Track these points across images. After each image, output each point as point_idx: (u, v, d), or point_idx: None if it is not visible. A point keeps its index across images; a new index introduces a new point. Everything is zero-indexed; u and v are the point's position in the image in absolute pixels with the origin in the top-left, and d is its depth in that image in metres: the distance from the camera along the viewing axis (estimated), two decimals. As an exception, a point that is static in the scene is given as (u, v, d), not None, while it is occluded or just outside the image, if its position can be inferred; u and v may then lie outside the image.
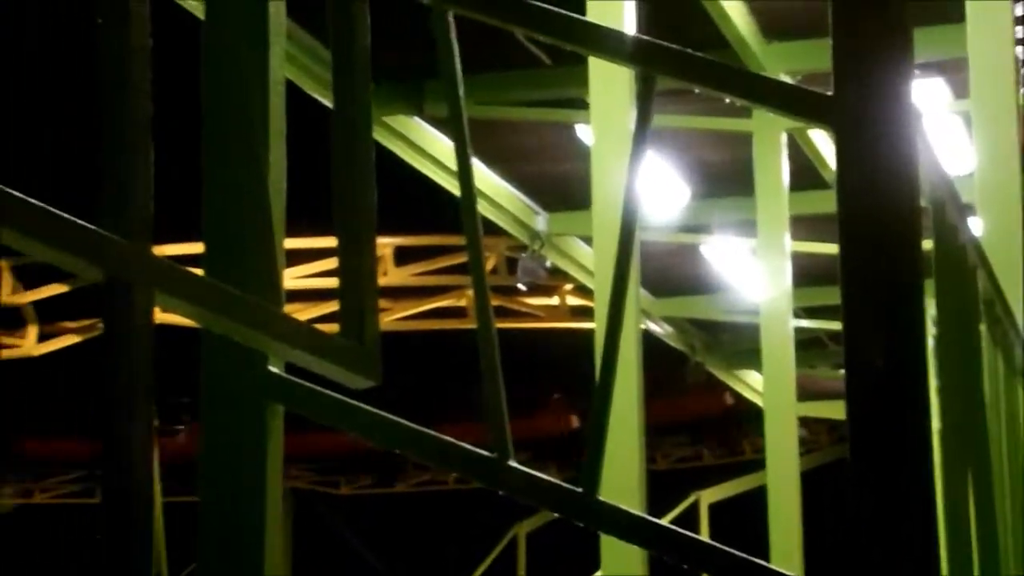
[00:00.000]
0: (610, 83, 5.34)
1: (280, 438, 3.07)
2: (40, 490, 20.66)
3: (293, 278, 12.81)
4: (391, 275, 13.80)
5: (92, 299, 12.89)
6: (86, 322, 12.94)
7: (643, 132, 2.78)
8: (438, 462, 3.00)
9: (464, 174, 3.03)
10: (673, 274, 12.74)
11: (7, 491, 20.73)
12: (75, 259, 2.21)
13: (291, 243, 4.36)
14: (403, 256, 13.85)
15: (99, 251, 2.18)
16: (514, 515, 18.17)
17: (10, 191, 2.06)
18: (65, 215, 2.19)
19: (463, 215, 3.02)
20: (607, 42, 2.73)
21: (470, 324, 13.83)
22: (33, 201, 2.14)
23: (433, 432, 2.96)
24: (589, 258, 10.54)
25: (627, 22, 5.59)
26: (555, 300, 14.15)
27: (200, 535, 3.07)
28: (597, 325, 5.37)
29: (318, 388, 2.99)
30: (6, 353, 13.06)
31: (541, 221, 10.38)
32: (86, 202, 2.80)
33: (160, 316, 2.37)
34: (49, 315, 13.00)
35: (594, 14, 5.41)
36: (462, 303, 13.86)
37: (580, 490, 2.91)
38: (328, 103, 7.29)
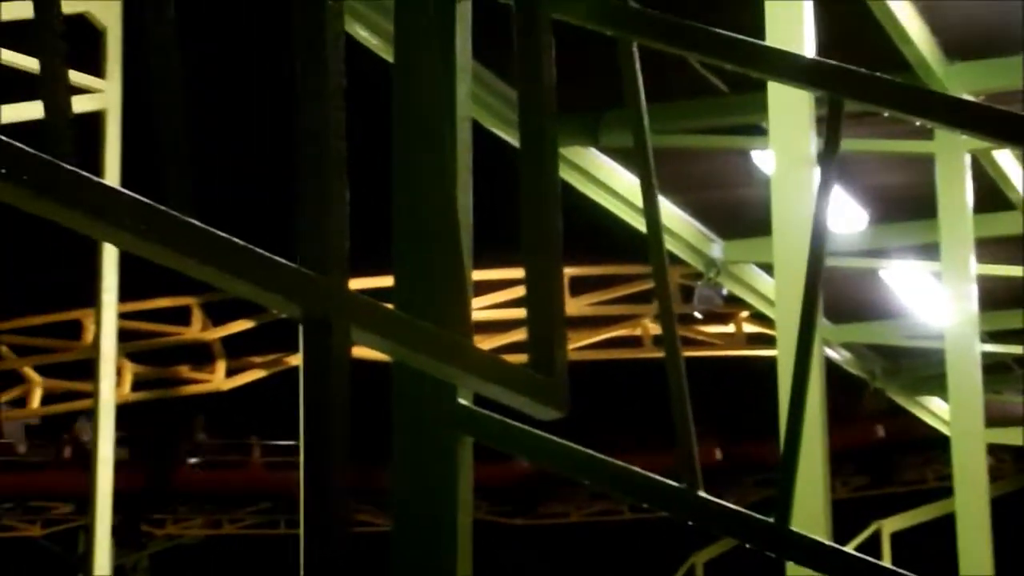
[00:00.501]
0: (790, 109, 5.29)
1: (470, 469, 3.09)
2: (229, 520, 21.09)
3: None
4: (567, 305, 13.82)
5: (276, 334, 13.16)
6: (270, 357, 13.22)
7: (831, 157, 2.73)
8: (628, 493, 2.99)
9: (650, 204, 3.02)
10: (851, 300, 12.54)
11: (197, 522, 21.21)
12: (274, 296, 2.25)
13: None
14: (576, 286, 13.85)
15: (297, 287, 2.22)
16: (691, 545, 18.01)
17: (213, 230, 2.11)
18: (264, 252, 2.23)
19: (649, 245, 3.01)
20: (792, 67, 2.70)
21: (646, 354, 13.79)
22: (234, 239, 2.19)
23: (621, 463, 2.95)
24: (766, 285, 10.43)
25: (807, 47, 5.53)
26: (731, 328, 14.02)
27: (392, 565, 3.10)
28: (780, 353, 5.30)
29: (508, 420, 3.01)
30: (196, 388, 13.40)
31: (716, 249, 10.31)
32: (283, 240, 2.86)
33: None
34: (236, 351, 13.33)
35: (774, 39, 5.37)
36: (637, 332, 13.82)
37: (771, 520, 2.87)
38: (508, 138, 7.34)
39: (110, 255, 8.17)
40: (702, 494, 2.85)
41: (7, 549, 19.42)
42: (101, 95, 8.11)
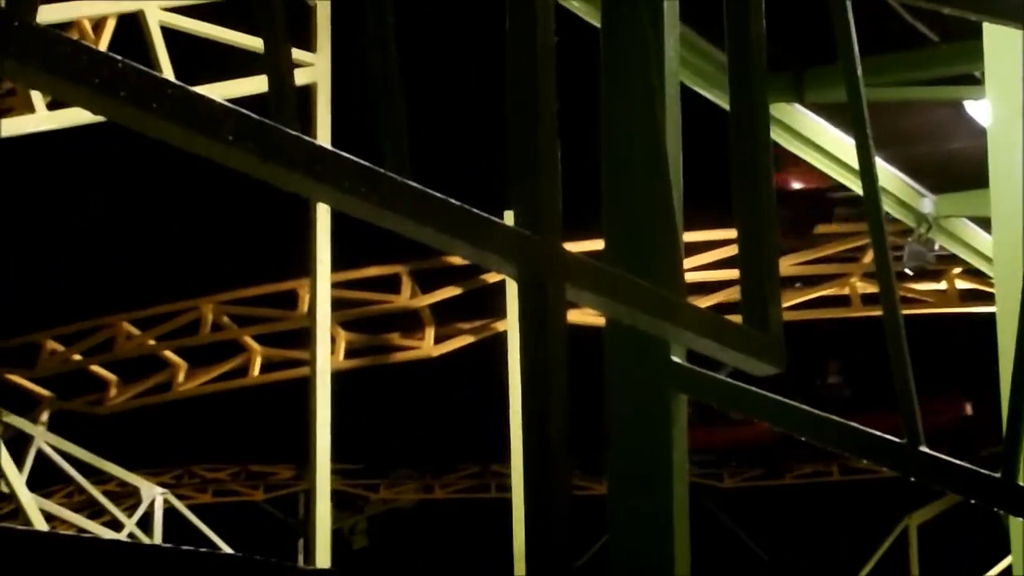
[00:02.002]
0: (1008, 55, 5.11)
1: (684, 426, 3.07)
2: (440, 486, 21.45)
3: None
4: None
5: (483, 300, 13.28)
6: (478, 323, 13.35)
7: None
8: (849, 449, 2.94)
9: (865, 161, 2.96)
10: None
11: (410, 487, 21.61)
12: (490, 255, 2.27)
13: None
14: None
15: (513, 247, 2.23)
16: (904, 506, 17.65)
17: (430, 191, 2.13)
18: (480, 212, 2.25)
19: (865, 202, 2.95)
20: (1016, 7, 2.61)
21: (855, 313, 13.53)
22: (451, 200, 2.21)
23: (839, 419, 2.90)
24: (980, 240, 10.14)
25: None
26: (943, 285, 13.68)
27: (609, 523, 3.10)
28: (999, 310, 5.13)
29: (721, 377, 2.98)
30: (406, 355, 13.62)
31: (927, 204, 10.05)
32: (495, 200, 2.87)
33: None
34: (444, 317, 13.51)
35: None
36: (845, 291, 13.57)
37: (998, 475, 2.80)
38: (715, 99, 7.23)
39: (323, 226, 8.33)
40: (924, 449, 2.79)
41: (232, 513, 20.08)
42: (312, 68, 8.28)
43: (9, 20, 1.47)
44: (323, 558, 8.03)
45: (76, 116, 7.76)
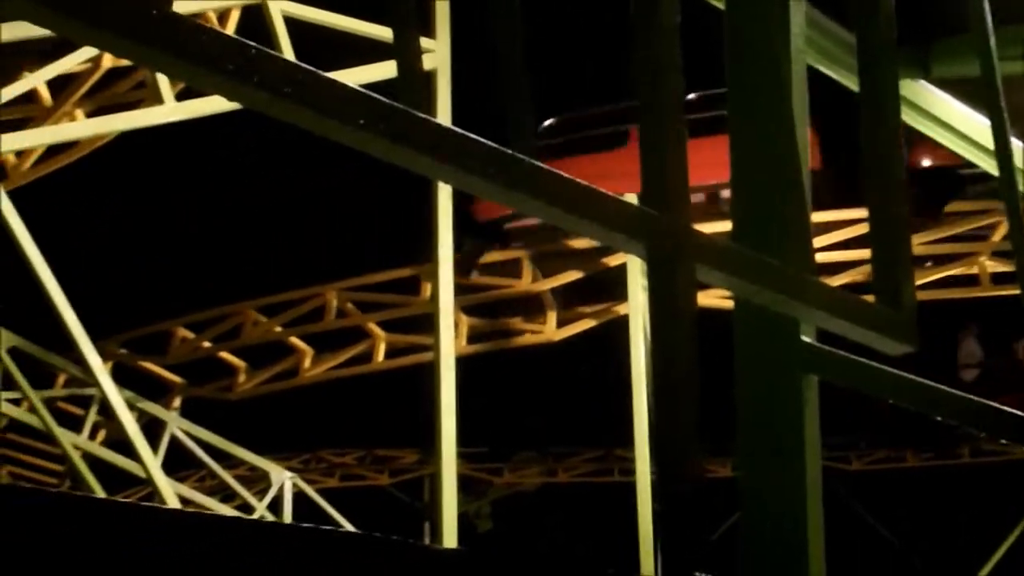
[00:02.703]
0: None
1: (816, 408, 3.03)
2: (563, 469, 21.46)
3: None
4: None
5: (603, 285, 13.24)
6: (600, 306, 13.31)
7: None
8: (991, 430, 2.88)
9: (1000, 137, 2.89)
10: None
11: (533, 470, 21.66)
12: (618, 235, 2.25)
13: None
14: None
15: (641, 226, 2.21)
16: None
17: (557, 172, 2.12)
18: (607, 192, 2.23)
19: (1000, 179, 2.88)
20: None
21: (982, 292, 13.28)
22: (578, 181, 2.19)
23: (979, 399, 2.84)
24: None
25: None
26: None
27: (742, 504, 3.07)
28: None
29: (855, 357, 2.93)
30: (528, 339, 13.63)
31: (1059, 181, 9.83)
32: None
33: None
34: (566, 301, 13.49)
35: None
36: (973, 271, 13.32)
37: None
38: (841, 79, 7.12)
39: (445, 211, 8.37)
40: (1063, 429, 2.72)
41: (358, 497, 20.29)
42: (432, 55, 8.31)
43: (149, 9, 1.48)
44: (450, 541, 8.08)
45: (204, 107, 7.87)
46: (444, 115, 8.35)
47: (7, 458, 12.92)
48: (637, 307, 10.05)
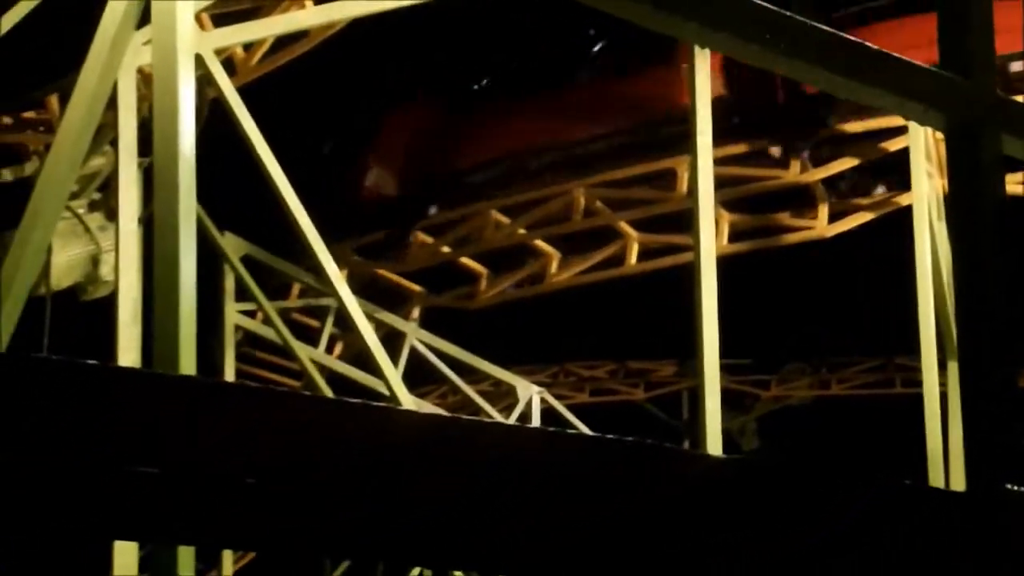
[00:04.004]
0: None
1: None
2: (837, 381, 21.19)
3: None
4: None
5: (883, 172, 12.91)
6: (878, 197, 13.00)
7: None
8: None
9: None
10: None
11: (803, 383, 21.45)
12: (914, 104, 2.15)
13: None
14: None
15: (940, 93, 2.10)
16: None
17: (843, 35, 2.03)
18: (903, 58, 2.13)
19: None
20: None
21: None
22: (868, 45, 2.10)
23: None
24: None
25: None
26: None
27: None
28: None
29: None
30: (797, 236, 13.39)
31: None
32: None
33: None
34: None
35: None
36: None
37: None
38: None
39: (703, 93, 8.22)
40: None
41: (611, 413, 20.42)
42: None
43: None
44: (714, 459, 8.03)
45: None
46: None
47: (243, 373, 13.36)
48: (922, 196, 9.75)
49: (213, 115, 8.53)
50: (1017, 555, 2.03)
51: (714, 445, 8.08)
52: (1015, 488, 2.05)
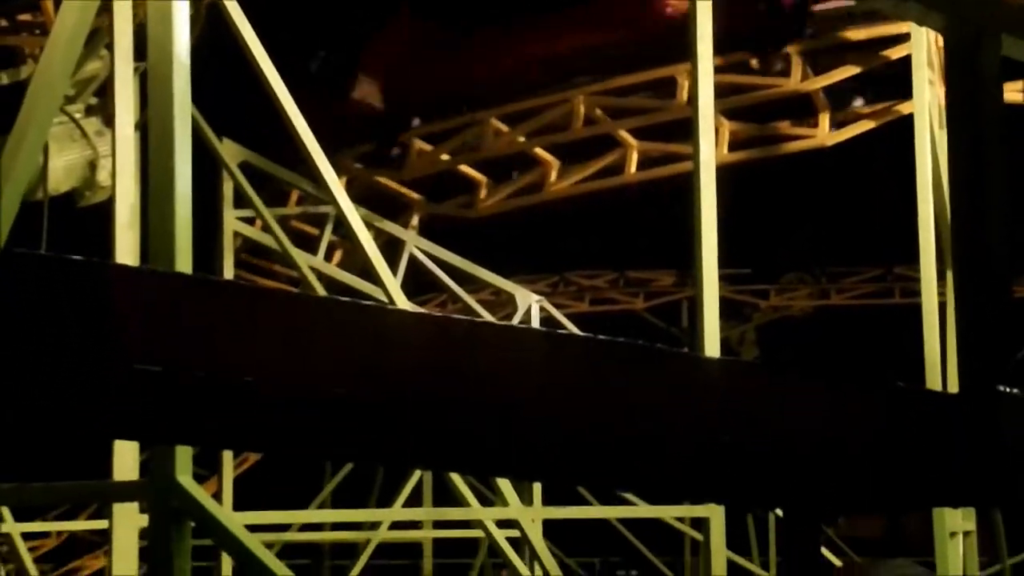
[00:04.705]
0: None
1: None
2: (837, 291, 21.22)
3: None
4: None
5: (885, 81, 12.86)
6: (880, 105, 12.95)
7: None
8: None
9: None
10: None
11: (803, 292, 21.49)
12: (912, 6, 2.14)
13: None
14: None
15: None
16: None
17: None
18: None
19: None
20: None
21: None
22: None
23: None
24: None
25: None
26: None
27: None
28: None
29: None
30: (798, 145, 13.37)
31: None
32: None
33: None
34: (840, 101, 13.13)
35: None
36: None
37: None
38: None
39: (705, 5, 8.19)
40: None
41: (611, 322, 20.48)
42: None
43: None
44: (713, 367, 8.06)
45: None
46: None
47: (242, 280, 13.38)
48: (923, 104, 9.71)
49: (212, 23, 8.49)
50: (1008, 451, 2.07)
51: (712, 353, 8.12)
52: (1007, 389, 2.08)
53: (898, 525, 21.62)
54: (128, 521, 6.26)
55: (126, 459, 6.17)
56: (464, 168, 14.63)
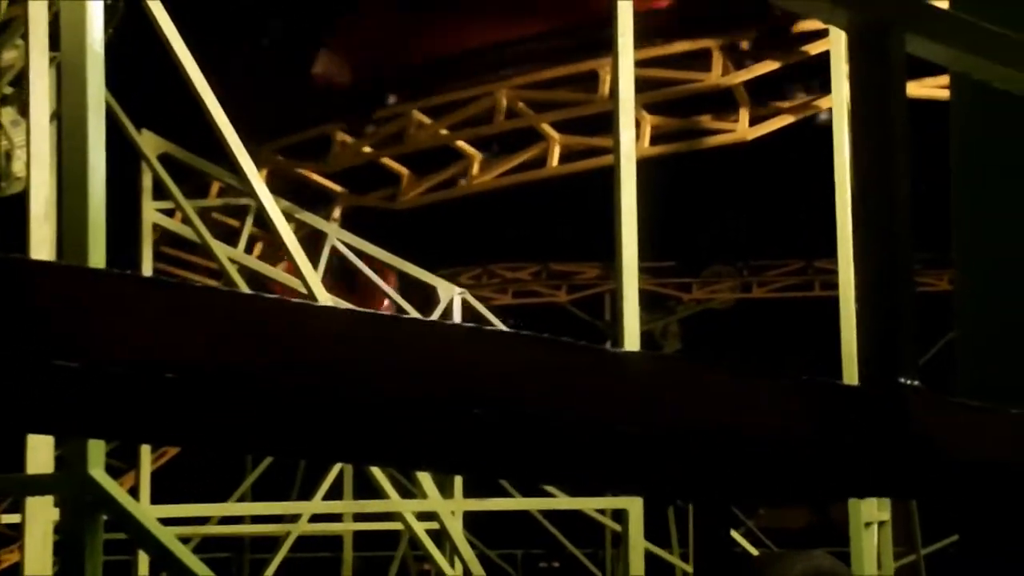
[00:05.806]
0: None
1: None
2: (759, 284, 21.39)
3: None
4: None
5: (804, 75, 12.98)
6: (798, 100, 13.07)
7: None
8: None
9: None
10: None
11: (726, 285, 21.64)
12: (818, 3, 2.19)
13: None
14: None
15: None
16: None
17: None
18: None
19: None
20: None
21: None
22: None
23: None
24: None
25: None
26: None
27: (959, 320, 3.03)
28: None
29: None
30: (718, 139, 13.46)
31: None
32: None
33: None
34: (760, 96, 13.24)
35: None
36: None
37: None
38: None
39: (624, -3, 8.24)
40: None
41: (534, 315, 20.54)
42: None
43: None
44: (633, 360, 8.12)
45: None
46: None
47: (161, 272, 13.33)
48: (842, 100, 9.81)
49: (132, 12, 8.44)
50: (913, 443, 2.13)
51: (633, 345, 8.19)
52: (907, 382, 2.14)
53: (825, 516, 21.84)
54: (42, 515, 6.23)
55: (40, 453, 6.14)
56: (386, 160, 14.62)
